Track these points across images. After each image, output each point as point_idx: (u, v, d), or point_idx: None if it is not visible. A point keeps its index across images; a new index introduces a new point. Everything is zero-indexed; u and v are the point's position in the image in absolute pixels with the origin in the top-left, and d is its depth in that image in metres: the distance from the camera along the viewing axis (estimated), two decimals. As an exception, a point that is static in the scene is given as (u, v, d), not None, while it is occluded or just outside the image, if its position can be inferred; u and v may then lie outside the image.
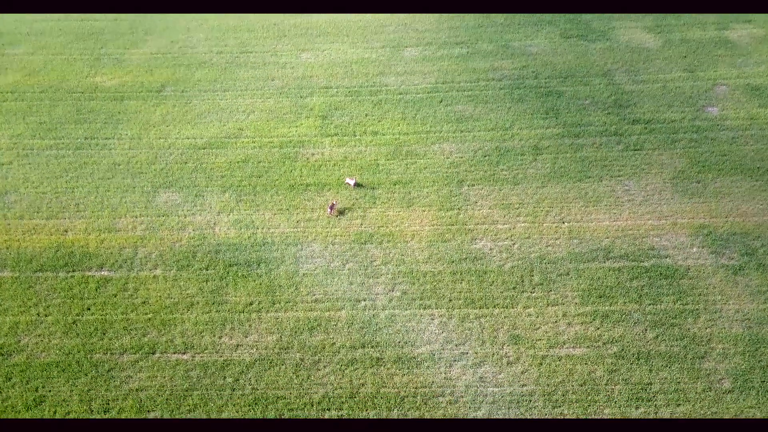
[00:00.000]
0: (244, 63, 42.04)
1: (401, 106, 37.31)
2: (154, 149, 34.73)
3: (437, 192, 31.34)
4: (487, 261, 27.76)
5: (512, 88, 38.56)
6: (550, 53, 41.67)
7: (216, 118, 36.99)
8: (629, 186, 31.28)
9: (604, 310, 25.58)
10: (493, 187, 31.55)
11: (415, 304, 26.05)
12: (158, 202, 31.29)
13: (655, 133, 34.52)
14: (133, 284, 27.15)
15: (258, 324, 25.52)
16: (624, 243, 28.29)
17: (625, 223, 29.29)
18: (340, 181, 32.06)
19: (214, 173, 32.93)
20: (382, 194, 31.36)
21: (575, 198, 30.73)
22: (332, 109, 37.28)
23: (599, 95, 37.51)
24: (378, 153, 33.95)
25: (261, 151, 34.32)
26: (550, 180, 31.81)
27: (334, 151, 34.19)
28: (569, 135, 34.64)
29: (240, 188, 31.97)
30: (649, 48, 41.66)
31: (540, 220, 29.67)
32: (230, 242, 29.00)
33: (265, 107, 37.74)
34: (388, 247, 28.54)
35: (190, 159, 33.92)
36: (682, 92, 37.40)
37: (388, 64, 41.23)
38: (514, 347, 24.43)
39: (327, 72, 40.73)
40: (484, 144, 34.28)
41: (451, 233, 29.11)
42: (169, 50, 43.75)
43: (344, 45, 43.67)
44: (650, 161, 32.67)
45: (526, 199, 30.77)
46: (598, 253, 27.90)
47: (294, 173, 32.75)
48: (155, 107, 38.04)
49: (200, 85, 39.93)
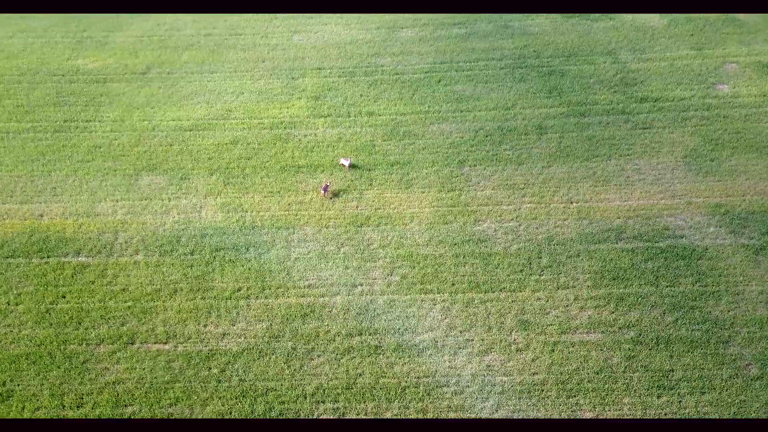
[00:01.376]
0: (234, 45, 39.89)
1: (398, 87, 35.22)
2: (137, 131, 32.53)
3: (437, 173, 29.26)
4: (491, 243, 25.68)
5: (513, 67, 36.52)
6: (552, 33, 39.67)
7: (203, 99, 34.81)
8: (639, 165, 29.26)
9: (619, 293, 23.53)
10: (496, 167, 29.49)
11: (415, 289, 23.93)
12: (141, 185, 29.08)
13: (664, 112, 32.53)
14: (113, 270, 24.95)
15: (246, 311, 23.36)
16: (636, 223, 26.26)
17: (636, 203, 27.26)
18: (334, 163, 29.95)
19: (200, 155, 30.76)
20: (378, 175, 29.26)
21: (583, 178, 28.70)
22: (325, 90, 35.17)
23: (604, 74, 35.51)
24: (374, 134, 31.85)
25: (250, 133, 32.17)
26: (556, 159, 29.77)
27: (327, 132, 32.08)
28: (574, 114, 32.62)
29: (228, 171, 29.81)
30: (655, 26, 39.70)
31: (547, 200, 27.62)
32: (217, 226, 26.84)
33: (255, 88, 35.59)
34: (386, 230, 26.44)
35: (175, 141, 31.74)
36: (690, 70, 35.44)
37: (384, 45, 39.15)
38: (523, 333, 22.34)
39: (320, 53, 38.62)
40: (485, 124, 32.22)
41: (452, 215, 27.03)
42: (155, 32, 41.54)
43: (338, 26, 41.56)
44: (660, 140, 30.68)
45: (531, 179, 28.72)
46: (610, 233, 25.86)
47: (285, 155, 30.61)
48: (139, 89, 35.84)
49: (187, 66, 37.75)
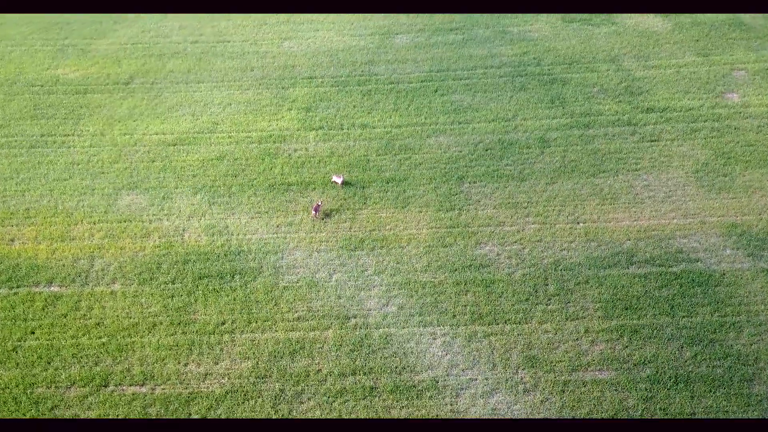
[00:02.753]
0: (221, 53, 37.72)
1: (393, 97, 33.14)
2: (118, 146, 30.36)
3: (435, 190, 27.22)
4: (494, 268, 23.67)
5: (513, 75, 34.48)
6: (552, 38, 37.64)
7: (188, 111, 32.65)
8: (648, 181, 27.29)
9: (632, 325, 21.56)
10: (497, 184, 27.47)
11: (413, 321, 21.91)
12: (120, 205, 26.95)
13: (672, 122, 30.56)
14: (87, 302, 22.82)
15: (231, 347, 21.29)
16: (648, 245, 24.29)
17: (647, 223, 25.30)
18: (326, 180, 27.87)
19: (184, 172, 28.62)
20: (373, 193, 27.21)
21: (589, 195, 26.71)
22: (317, 101, 33.06)
23: (608, 82, 33.51)
24: (368, 148, 29.77)
25: (238, 147, 30.05)
26: (561, 175, 27.77)
27: (318, 147, 29.98)
28: (578, 125, 30.61)
29: (213, 189, 27.70)
30: (658, 32, 37.72)
31: (551, 220, 25.63)
32: (201, 251, 24.73)
33: (243, 99, 33.45)
34: (381, 254, 24.40)
35: (158, 157, 29.59)
36: (697, 78, 33.47)
37: (378, 52, 37.05)
38: (530, 371, 20.36)
39: (311, 61, 36.50)
40: (484, 136, 30.18)
41: (452, 237, 25.01)
42: (140, 40, 39.32)
43: (330, 32, 39.43)
44: (669, 153, 28.71)
45: (534, 197, 26.71)
46: (620, 257, 23.89)
47: (274, 171, 28.51)
48: (121, 101, 33.65)
49: (172, 76, 35.56)
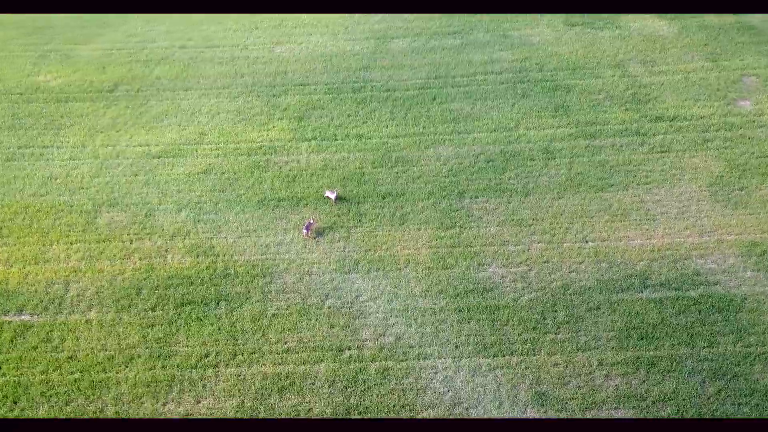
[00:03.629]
0: (210, 58, 35.80)
1: (389, 105, 31.28)
2: (99, 159, 28.44)
3: (434, 206, 25.40)
4: (499, 293, 21.85)
5: (514, 82, 32.65)
6: (554, 43, 35.83)
7: (175, 121, 30.73)
8: (660, 195, 25.51)
9: (649, 357, 19.77)
10: (500, 199, 25.65)
11: (412, 354, 20.07)
12: (100, 224, 25.04)
13: (682, 132, 28.78)
14: (60, 332, 20.92)
15: (214, 383, 19.42)
16: (663, 267, 22.51)
17: (660, 242, 23.51)
18: (318, 195, 26.01)
19: (169, 187, 26.73)
20: (369, 210, 25.37)
21: (598, 211, 24.91)
22: (309, 109, 31.18)
23: (614, 89, 31.71)
24: (363, 160, 27.92)
25: (225, 160, 28.16)
26: (567, 189, 25.97)
27: (311, 159, 28.11)
28: (584, 135, 28.81)
29: (199, 205, 25.81)
30: (665, 36, 35.93)
31: (558, 239, 23.82)
32: (184, 274, 22.84)
33: (232, 108, 31.55)
34: (377, 277, 22.56)
35: (141, 170, 27.69)
36: (707, 84, 31.69)
37: (373, 57, 35.17)
38: (539, 409, 18.55)
39: (304, 67, 34.60)
40: (486, 147, 28.35)
41: (453, 257, 23.19)
42: (125, 45, 37.37)
43: (323, 37, 37.54)
44: (681, 165, 26.93)
45: (540, 213, 24.91)
46: (633, 280, 22.10)
47: (264, 186, 26.64)
48: (105, 109, 31.71)
49: (159, 83, 33.63)
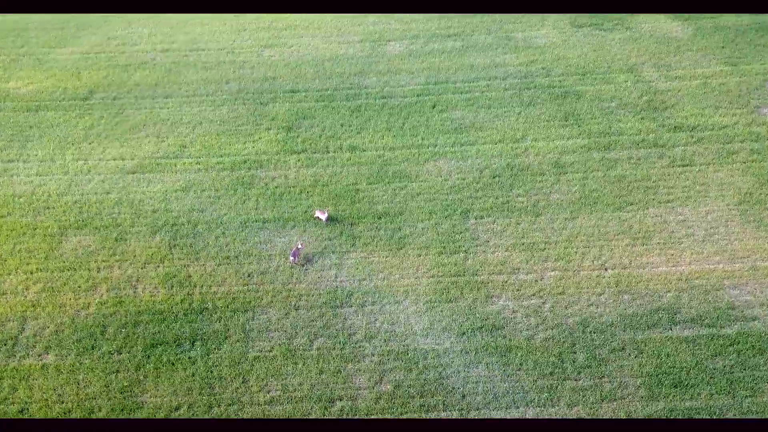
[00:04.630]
0: (194, 63, 33.05)
1: (385, 114, 28.62)
2: (69, 175, 25.70)
3: (436, 227, 22.76)
4: (510, 331, 19.23)
5: (520, 88, 30.01)
6: (561, 45, 33.17)
7: (153, 132, 28.01)
8: (684, 215, 22.91)
9: (684, 408, 17.15)
10: (509, 219, 23.02)
11: (413, 405, 17.43)
12: (65, 249, 22.33)
13: (704, 143, 26.19)
14: (11, 380, 18.18)
15: (186, 441, 16.81)
16: (693, 299, 19.91)
17: (688, 269, 20.91)
18: (308, 215, 23.35)
19: (143, 207, 24.02)
20: (363, 232, 22.71)
21: (617, 234, 22.29)
22: (299, 119, 28.50)
23: (627, 96, 29.09)
24: (357, 175, 25.26)
25: (207, 176, 25.46)
26: (581, 208, 23.36)
27: (300, 173, 25.44)
28: (597, 147, 26.20)
29: (176, 228, 23.11)
30: (679, 38, 33.31)
31: (575, 266, 21.21)
32: (156, 309, 20.16)
33: (216, 117, 28.83)
34: (372, 312, 19.91)
35: (114, 187, 24.96)
36: (727, 90, 29.09)
37: (368, 62, 32.48)
38: (560, 472, 15.99)
39: (294, 72, 31.89)
40: (491, 161, 25.72)
41: (457, 288, 20.55)
42: (104, 48, 34.58)
43: (315, 39, 34.82)
44: (705, 180, 24.33)
45: (552, 235, 22.29)
46: (661, 315, 19.49)
47: (248, 205, 23.96)
48: (78, 119, 28.95)
49: (137, 90, 30.88)
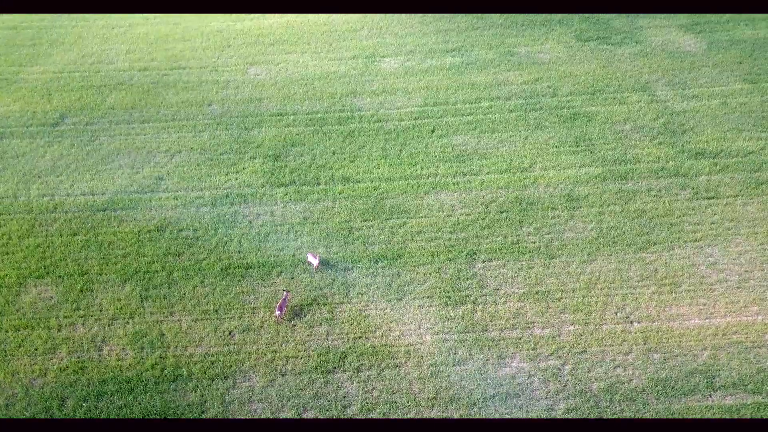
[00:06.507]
0: (174, 83, 30.35)
1: (380, 139, 26.06)
2: (32, 214, 23.00)
3: (439, 272, 20.21)
4: (527, 400, 16.70)
5: (525, 109, 27.50)
6: (567, 61, 30.69)
7: (127, 162, 25.34)
8: (714, 257, 20.45)
9: (732, 498, 14.76)
10: (520, 263, 20.49)
11: (418, 498, 14.95)
12: (23, 302, 19.64)
13: (729, 172, 23.75)
14: (-49, 470, 15.63)
15: None
16: (731, 358, 17.45)
17: (724, 322, 18.44)
18: (296, 259, 20.76)
19: (113, 251, 21.36)
20: (358, 278, 20.14)
21: (641, 279, 19.80)
22: (287, 146, 25.89)
23: (642, 117, 26.63)
24: (351, 210, 22.69)
25: (185, 213, 22.82)
26: (599, 249, 20.85)
27: (288, 209, 22.84)
28: (613, 177, 23.73)
29: (148, 276, 20.46)
30: (693, 52, 30.89)
31: (596, 318, 18.70)
32: (123, 376, 17.51)
33: (196, 144, 26.19)
34: (369, 378, 17.33)
35: (82, 228, 22.28)
36: (749, 111, 26.69)
37: (361, 80, 29.90)
38: None
39: (281, 92, 29.27)
40: (497, 193, 23.19)
41: (465, 347, 18.00)
42: (78, 67, 31.83)
43: (304, 56, 32.19)
44: (734, 216, 21.89)
45: (569, 281, 19.77)
46: (697, 379, 17.01)
47: (229, 248, 21.34)
48: (46, 148, 26.24)
49: (112, 114, 28.18)
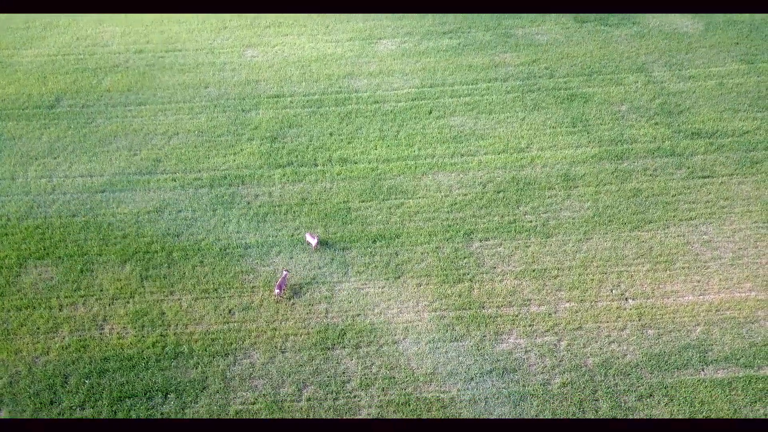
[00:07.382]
0: (171, 65, 30.25)
1: (378, 120, 26.07)
2: (30, 195, 23.02)
3: (437, 252, 20.33)
4: (523, 374, 16.90)
5: (523, 90, 27.51)
6: (565, 43, 30.65)
7: (125, 144, 25.33)
8: (709, 234, 20.61)
9: (724, 468, 15.01)
10: (517, 241, 20.62)
11: (417, 470, 15.16)
12: (23, 283, 19.72)
13: (725, 151, 23.85)
14: (-45, 446, 15.78)
15: None
16: (725, 334, 17.66)
17: (717, 298, 18.63)
18: (294, 239, 20.85)
19: (112, 232, 21.42)
20: (357, 258, 20.25)
21: (636, 257, 19.95)
22: (284, 127, 25.89)
23: (638, 98, 26.68)
24: (349, 191, 22.75)
25: (183, 194, 22.85)
26: (595, 227, 20.99)
27: (286, 190, 22.89)
28: (609, 157, 23.81)
29: (148, 256, 20.54)
30: (689, 33, 30.86)
31: (592, 295, 18.87)
32: (125, 354, 17.65)
33: (193, 126, 26.17)
34: (368, 354, 17.51)
35: (80, 209, 22.32)
36: (745, 91, 26.75)
37: (358, 62, 29.84)
38: None
39: (278, 74, 29.20)
40: (494, 173, 23.27)
41: (463, 324, 18.17)
42: (73, 50, 31.68)
43: (301, 38, 32.09)
44: (729, 194, 22.02)
45: (565, 260, 19.92)
46: (691, 353, 17.22)
47: (228, 228, 21.42)
48: (42, 131, 26.20)
49: (108, 97, 28.10)
